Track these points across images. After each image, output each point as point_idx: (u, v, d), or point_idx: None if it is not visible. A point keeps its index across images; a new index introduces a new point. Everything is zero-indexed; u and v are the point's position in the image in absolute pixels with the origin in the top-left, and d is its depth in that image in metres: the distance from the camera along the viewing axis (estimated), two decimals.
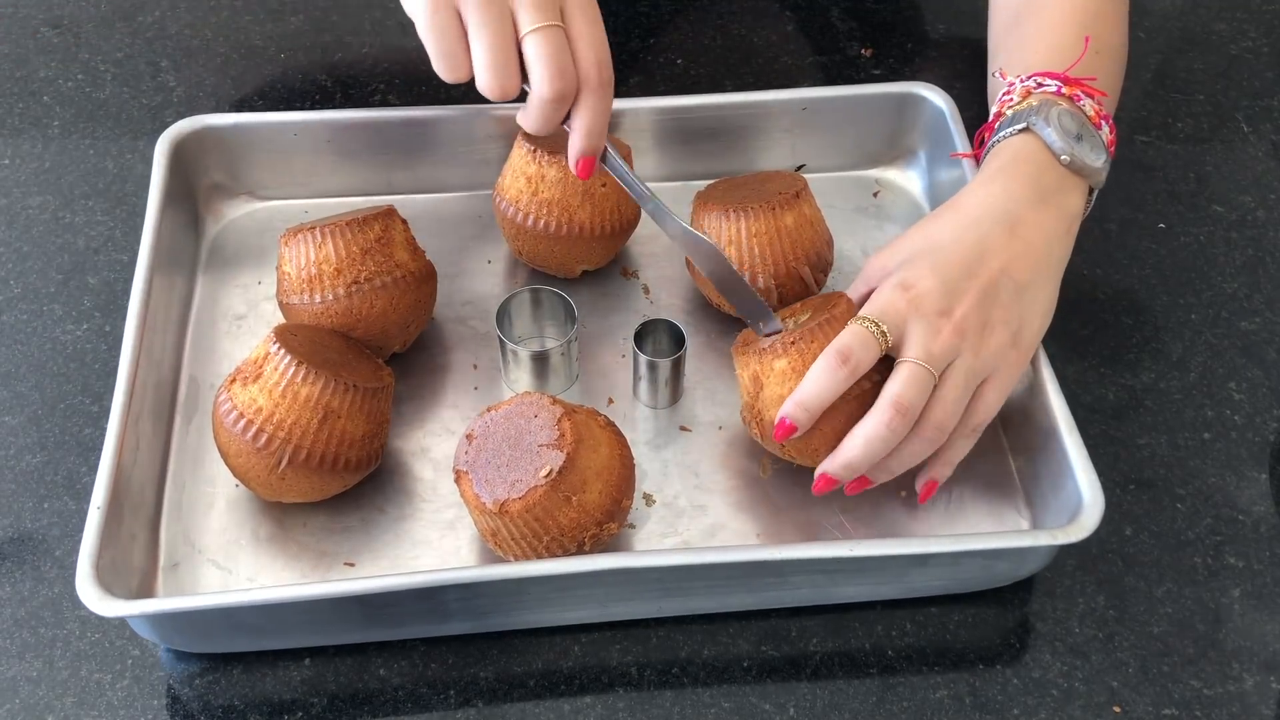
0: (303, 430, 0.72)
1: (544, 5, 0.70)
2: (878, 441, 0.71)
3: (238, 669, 0.72)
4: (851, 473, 0.72)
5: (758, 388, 0.74)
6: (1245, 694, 0.72)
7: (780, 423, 0.72)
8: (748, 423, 0.77)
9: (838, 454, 0.72)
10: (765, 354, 0.74)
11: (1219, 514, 0.79)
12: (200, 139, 0.89)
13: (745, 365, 0.76)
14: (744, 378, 0.76)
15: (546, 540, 0.70)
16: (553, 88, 0.70)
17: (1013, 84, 0.82)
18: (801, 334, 0.73)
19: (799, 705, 0.72)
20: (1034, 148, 0.78)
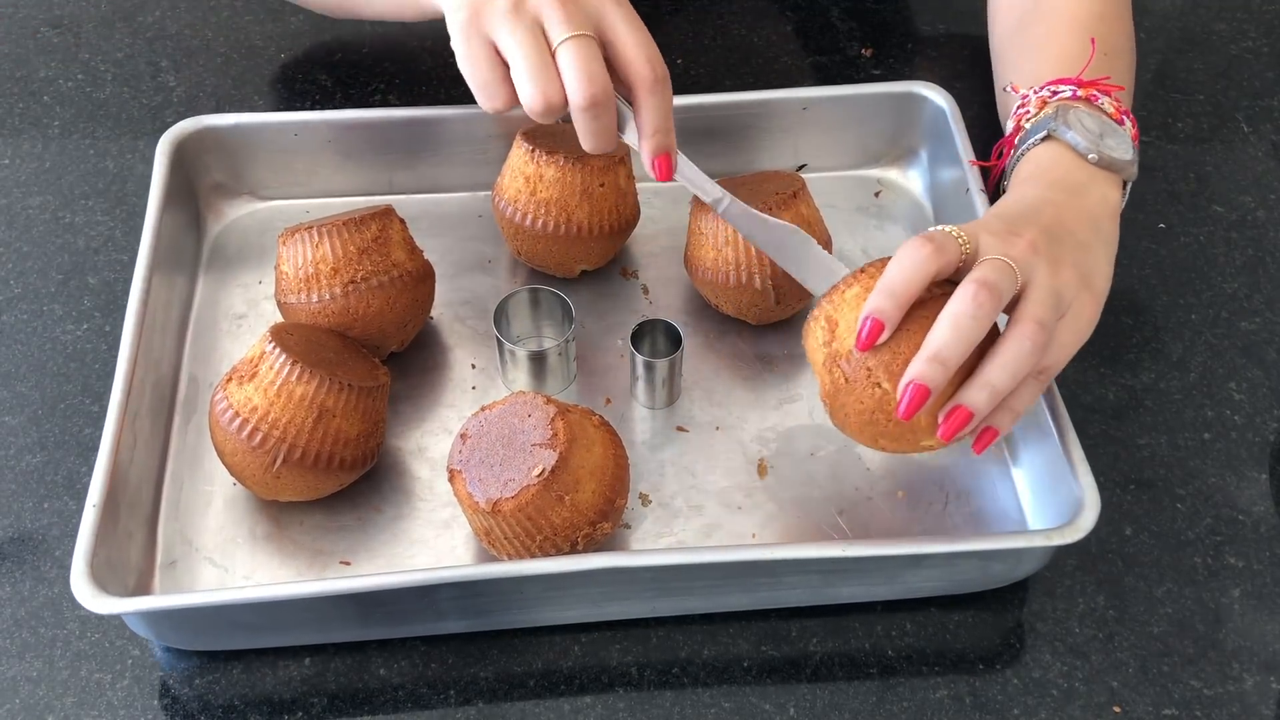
0: (298, 429, 0.72)
1: (573, 16, 0.70)
2: (965, 319, 0.65)
3: (237, 668, 0.72)
4: (943, 366, 0.65)
5: (833, 329, 0.70)
6: (1245, 694, 0.72)
7: (867, 320, 0.66)
8: (833, 395, 0.70)
9: (925, 345, 0.66)
10: (834, 290, 0.70)
11: (1219, 514, 0.79)
12: (200, 139, 0.89)
13: (815, 321, 0.71)
14: (816, 338, 0.71)
15: (539, 539, 0.70)
16: (585, 94, 0.70)
17: (1026, 96, 0.82)
18: (865, 266, 0.70)
19: (799, 705, 0.72)
20: (1059, 153, 0.78)
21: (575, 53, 0.70)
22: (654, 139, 0.73)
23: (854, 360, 0.69)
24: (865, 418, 0.69)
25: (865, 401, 0.69)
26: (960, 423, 0.67)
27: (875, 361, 0.68)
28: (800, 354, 0.85)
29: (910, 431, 0.69)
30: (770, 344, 0.85)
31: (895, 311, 0.67)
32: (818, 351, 0.71)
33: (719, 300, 0.84)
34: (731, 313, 0.85)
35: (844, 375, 0.69)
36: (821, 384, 0.71)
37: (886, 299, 0.67)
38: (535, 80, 0.70)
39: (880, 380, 0.68)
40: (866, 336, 0.67)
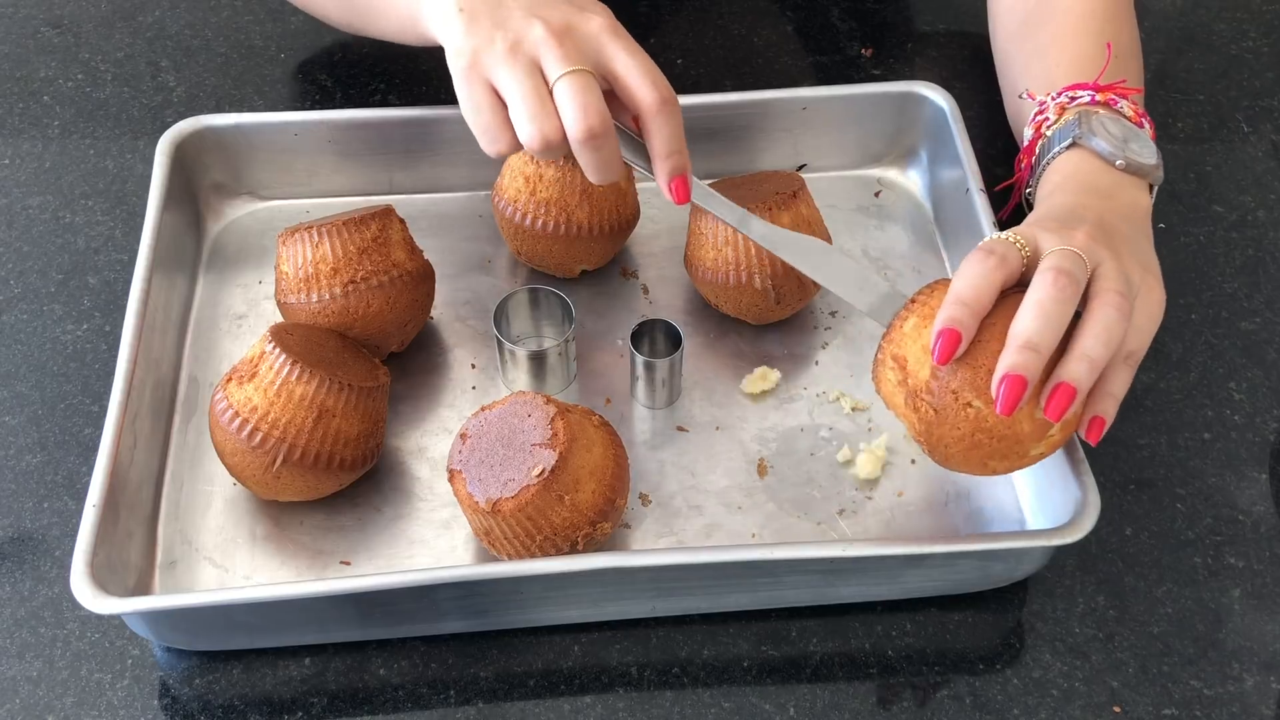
0: (297, 429, 0.72)
1: (569, 53, 0.70)
2: (1050, 304, 0.64)
3: (237, 668, 0.72)
4: (1035, 353, 0.63)
5: (903, 365, 0.68)
6: (1245, 694, 0.72)
7: (942, 334, 0.64)
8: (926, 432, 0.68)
9: (1013, 338, 0.64)
10: (889, 331, 0.69)
11: (1219, 514, 0.79)
12: (200, 139, 0.89)
13: (883, 365, 0.69)
14: (889, 381, 0.69)
15: (539, 539, 0.70)
16: (581, 127, 0.70)
17: (1044, 103, 0.81)
18: (916, 295, 0.69)
19: (799, 705, 0.72)
20: (1086, 160, 0.78)
21: (571, 87, 0.70)
22: (668, 161, 0.73)
23: (937, 387, 0.66)
24: (967, 443, 0.67)
25: (961, 426, 0.66)
26: (1066, 399, 0.64)
27: (959, 383, 0.66)
28: (801, 353, 0.85)
29: (1016, 443, 0.66)
30: (770, 344, 0.85)
31: (970, 320, 0.65)
32: (895, 394, 0.69)
33: (719, 300, 0.84)
34: (731, 313, 0.85)
35: (931, 408, 0.67)
36: (910, 426, 0.69)
37: (959, 308, 0.65)
38: (533, 119, 0.70)
39: (970, 399, 0.66)
40: (942, 349, 0.65)
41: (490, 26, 0.72)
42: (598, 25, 0.72)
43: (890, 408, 0.70)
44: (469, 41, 0.72)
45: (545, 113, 0.70)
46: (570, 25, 0.72)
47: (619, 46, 0.72)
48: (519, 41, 0.71)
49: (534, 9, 0.72)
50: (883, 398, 0.71)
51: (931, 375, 0.66)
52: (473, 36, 0.72)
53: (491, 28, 0.72)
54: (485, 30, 0.72)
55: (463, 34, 0.72)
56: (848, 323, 0.87)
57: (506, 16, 0.72)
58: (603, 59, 0.72)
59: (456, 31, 0.73)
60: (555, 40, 0.71)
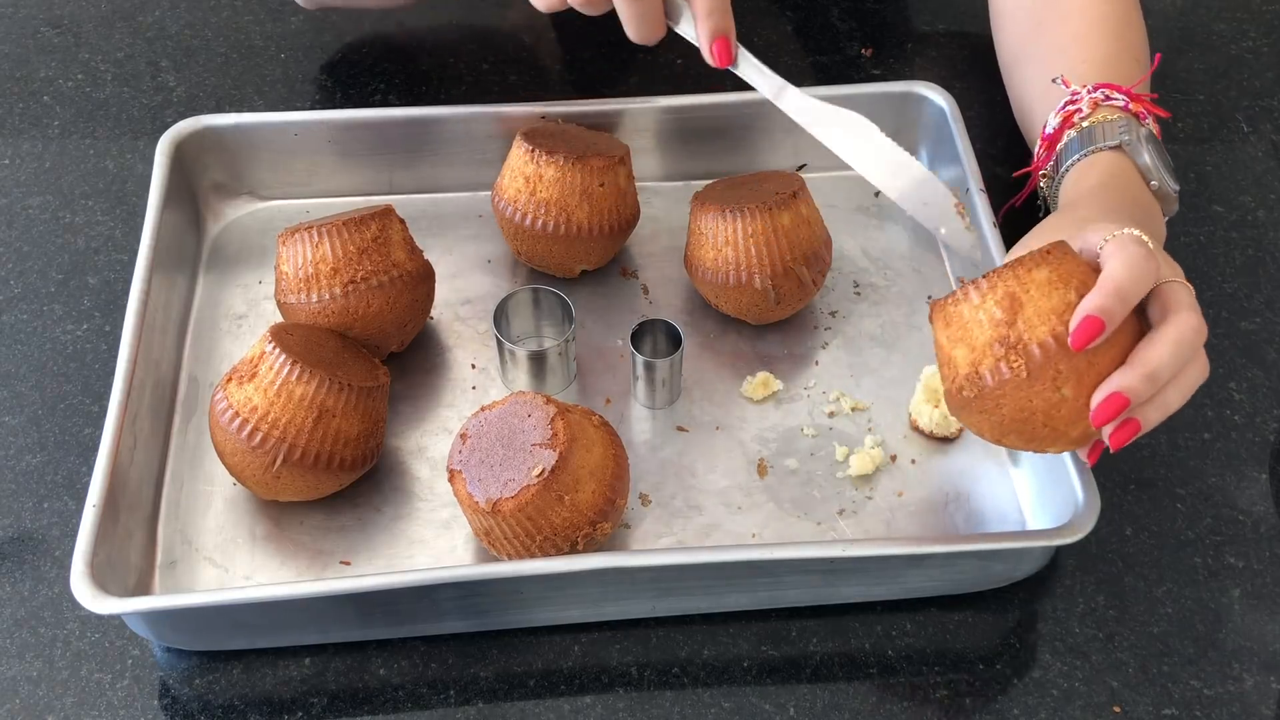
0: (297, 429, 0.72)
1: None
2: (1185, 348, 0.63)
3: (237, 668, 0.72)
4: (1152, 386, 0.63)
5: (1015, 310, 0.64)
6: (1245, 694, 0.72)
7: (1089, 320, 0.61)
8: (990, 384, 0.64)
9: (1142, 361, 0.63)
10: (1016, 267, 0.64)
11: (1219, 514, 0.79)
12: (200, 139, 0.89)
13: (983, 292, 0.65)
14: (984, 312, 0.64)
15: (539, 539, 0.70)
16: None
17: (1078, 94, 0.81)
18: (1050, 248, 0.64)
19: (799, 705, 0.72)
20: (1128, 168, 0.78)
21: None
22: (709, 20, 0.71)
23: (1044, 356, 0.63)
24: (1021, 415, 0.65)
25: (1034, 401, 0.64)
26: (1128, 435, 0.64)
27: (1068, 366, 0.63)
28: (801, 353, 0.85)
29: (1052, 439, 0.65)
30: (770, 344, 0.85)
31: (1120, 316, 0.62)
32: (981, 328, 0.64)
33: (719, 300, 0.84)
34: (731, 313, 0.85)
35: (1025, 368, 0.63)
36: (969, 364, 0.65)
37: (1116, 302, 0.62)
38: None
39: (1064, 386, 0.63)
40: (1082, 334, 0.62)
41: None
42: None
43: (946, 325, 0.66)
44: None
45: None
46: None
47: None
48: None
49: None
50: (947, 315, 0.66)
51: (1045, 339, 0.63)
52: None
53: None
54: None
55: None
56: (847, 323, 0.87)
57: None
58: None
59: None
60: None
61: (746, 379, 0.83)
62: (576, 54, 1.05)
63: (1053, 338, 0.63)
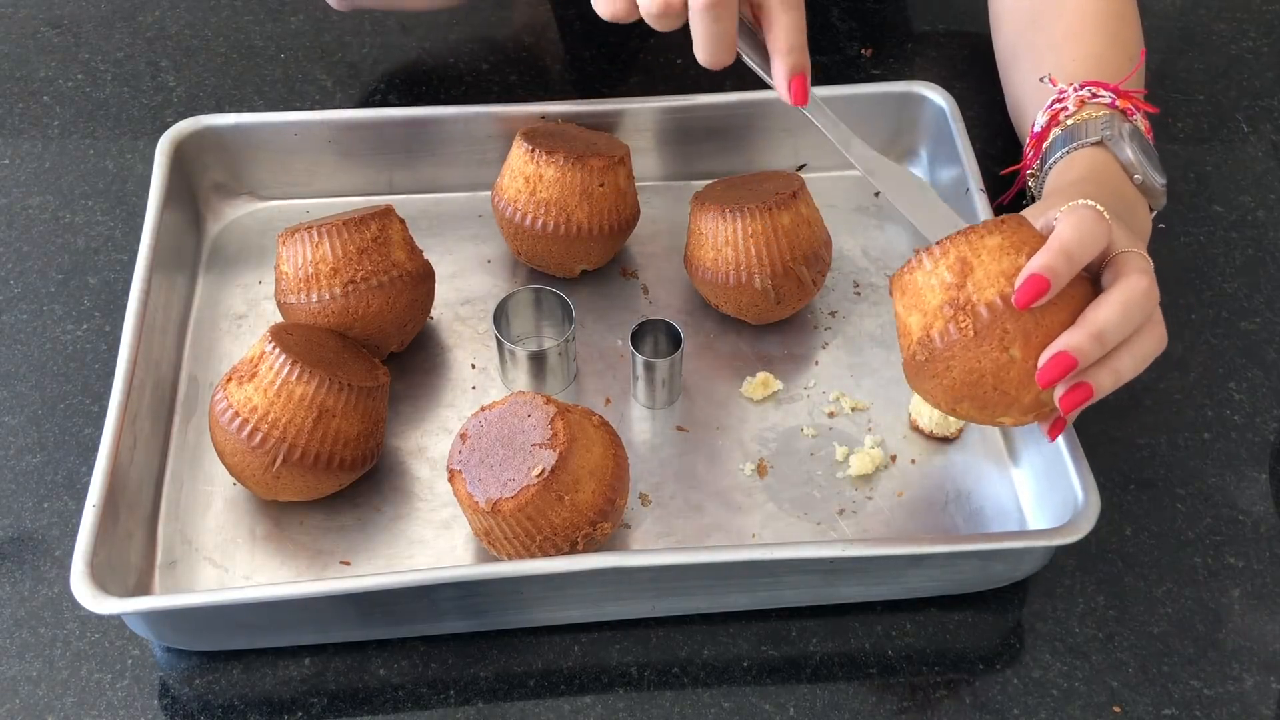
0: (297, 429, 0.72)
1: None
2: (1134, 309, 0.63)
3: (237, 668, 0.72)
4: (1100, 347, 0.63)
5: (965, 273, 0.64)
6: (1245, 694, 0.72)
7: (1034, 279, 0.62)
8: (939, 346, 0.65)
9: (1089, 321, 0.63)
10: (969, 233, 0.65)
11: (1219, 514, 0.79)
12: (200, 139, 0.89)
13: (935, 258, 0.65)
14: (935, 277, 0.65)
15: (539, 539, 0.70)
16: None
17: (1064, 92, 0.81)
18: (1004, 217, 0.66)
19: (799, 705, 0.72)
20: (1110, 163, 0.78)
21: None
22: (789, 58, 0.70)
23: (991, 316, 0.64)
24: (971, 378, 0.65)
25: (982, 362, 0.64)
26: (1080, 399, 0.64)
27: (1015, 326, 0.63)
28: (800, 353, 0.85)
29: (1004, 405, 0.66)
30: (770, 344, 0.85)
31: (1067, 275, 0.62)
32: (933, 292, 0.65)
33: (719, 300, 0.84)
34: (731, 313, 0.85)
35: (972, 328, 0.64)
36: (921, 328, 0.66)
37: (1062, 260, 0.62)
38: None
39: (1012, 346, 0.64)
40: (1027, 291, 0.62)
41: None
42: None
43: (903, 294, 0.67)
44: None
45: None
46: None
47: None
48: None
49: None
50: (903, 286, 0.67)
51: (992, 300, 0.64)
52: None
53: None
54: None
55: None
56: (847, 323, 0.87)
57: None
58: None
59: None
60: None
61: (746, 379, 0.83)
62: (576, 54, 1.05)
63: (1000, 298, 0.64)
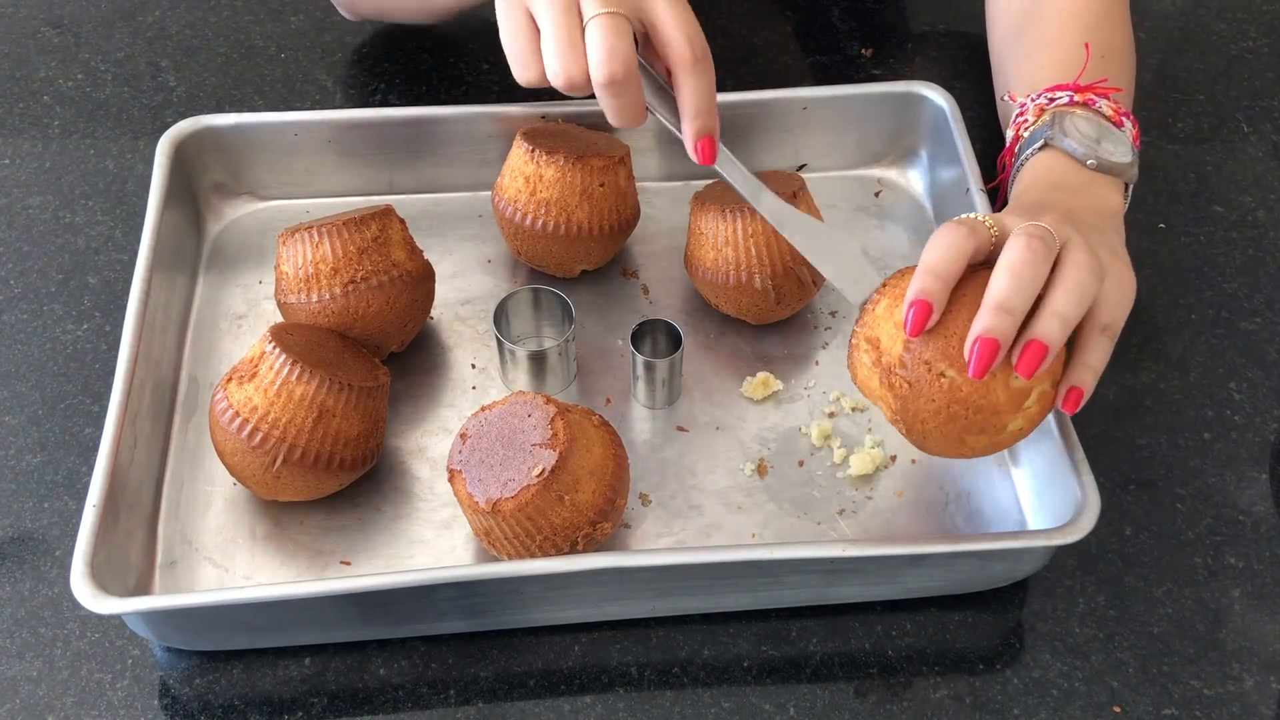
0: (297, 429, 0.72)
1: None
2: (1021, 266, 0.64)
3: (237, 668, 0.72)
4: (1009, 315, 0.64)
5: (876, 346, 0.69)
6: (1245, 694, 0.72)
7: (914, 305, 0.65)
8: (902, 410, 0.68)
9: (986, 300, 0.64)
10: (862, 316, 0.70)
11: (1219, 514, 0.79)
12: (200, 139, 0.89)
13: (857, 350, 0.70)
14: (864, 365, 0.70)
15: (539, 539, 0.70)
16: (603, 71, 0.70)
17: (1024, 105, 0.82)
18: (886, 280, 0.69)
19: (799, 705, 0.72)
20: (1056, 160, 0.78)
21: (600, 29, 0.69)
22: (695, 121, 0.73)
23: (910, 360, 0.66)
24: (943, 416, 0.67)
25: (936, 399, 0.66)
26: (1038, 357, 0.64)
27: (931, 353, 0.66)
28: (800, 353, 0.85)
29: (993, 414, 0.66)
30: (770, 344, 0.85)
31: (941, 291, 0.65)
32: (870, 376, 0.69)
33: (719, 300, 0.84)
34: (731, 313, 0.85)
35: (905, 381, 0.67)
36: (886, 407, 0.69)
37: (930, 279, 0.65)
38: (561, 55, 0.70)
39: (943, 369, 0.66)
40: (914, 320, 0.65)
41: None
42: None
43: (866, 394, 0.71)
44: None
45: (573, 51, 0.70)
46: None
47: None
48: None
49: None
50: (858, 385, 0.71)
51: (904, 349, 0.67)
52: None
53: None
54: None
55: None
56: (848, 323, 0.87)
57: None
58: (642, 4, 0.72)
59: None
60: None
61: (746, 379, 0.83)
62: None
63: (903, 345, 0.67)
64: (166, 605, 0.69)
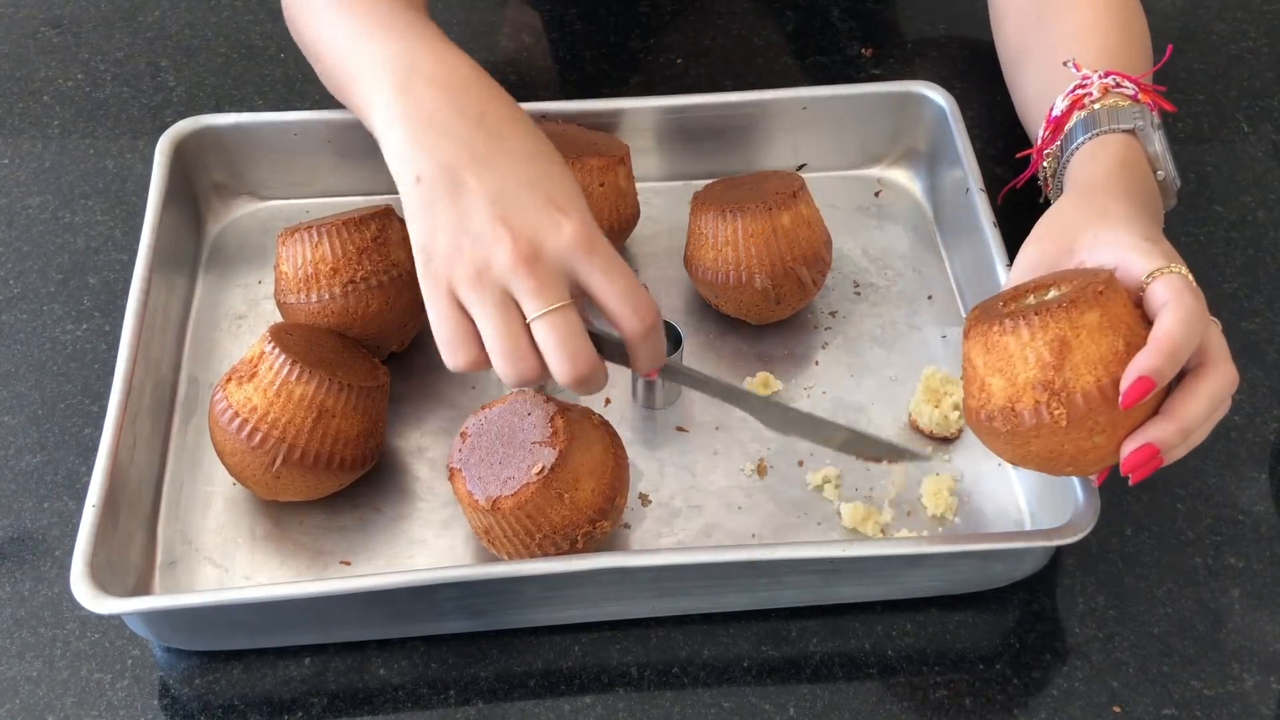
0: (297, 429, 0.72)
1: (544, 287, 0.65)
2: (1218, 408, 0.63)
3: (237, 668, 0.72)
4: (1186, 443, 0.63)
5: (1063, 354, 0.62)
6: (1245, 694, 0.72)
7: (1137, 384, 0.61)
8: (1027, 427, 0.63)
9: (1178, 416, 0.62)
10: (1069, 311, 0.62)
11: (1219, 514, 0.79)
12: (200, 139, 0.89)
13: (1035, 331, 0.63)
14: (1031, 350, 0.63)
15: (539, 538, 0.70)
16: (571, 376, 0.65)
17: (1089, 78, 0.80)
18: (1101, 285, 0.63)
19: (799, 705, 0.72)
20: (1139, 154, 0.77)
21: (553, 332, 0.65)
22: (648, 371, 0.71)
23: (1086, 406, 0.62)
24: (1050, 454, 0.64)
25: (1067, 446, 0.63)
26: (1149, 460, 0.63)
27: (1107, 418, 0.62)
28: (800, 353, 0.85)
29: (1068, 472, 0.65)
30: (770, 344, 0.85)
31: (1171, 375, 0.62)
32: (1026, 366, 0.63)
33: (719, 300, 0.84)
34: (731, 313, 0.85)
35: (1066, 417, 0.62)
36: (1006, 399, 0.64)
37: (1169, 363, 0.61)
38: (509, 359, 0.65)
39: (1098, 434, 0.63)
40: (1133, 394, 0.61)
41: (453, 224, 0.66)
42: (569, 239, 0.66)
43: (987, 351, 0.64)
44: (434, 241, 0.66)
45: (523, 354, 0.65)
46: (538, 247, 0.65)
47: (594, 266, 0.66)
48: (487, 265, 0.65)
49: (499, 208, 0.66)
50: (990, 342, 0.64)
51: (1090, 391, 0.62)
52: (437, 235, 0.66)
53: (455, 229, 0.66)
54: (446, 232, 0.66)
55: (426, 226, 0.67)
56: (848, 323, 0.87)
57: (468, 214, 0.66)
58: (578, 278, 0.66)
59: (415, 212, 0.68)
60: (526, 270, 0.64)
61: (746, 379, 0.83)
62: (577, 54, 1.05)
63: (1098, 389, 0.62)
64: (166, 605, 0.69)
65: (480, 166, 0.68)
